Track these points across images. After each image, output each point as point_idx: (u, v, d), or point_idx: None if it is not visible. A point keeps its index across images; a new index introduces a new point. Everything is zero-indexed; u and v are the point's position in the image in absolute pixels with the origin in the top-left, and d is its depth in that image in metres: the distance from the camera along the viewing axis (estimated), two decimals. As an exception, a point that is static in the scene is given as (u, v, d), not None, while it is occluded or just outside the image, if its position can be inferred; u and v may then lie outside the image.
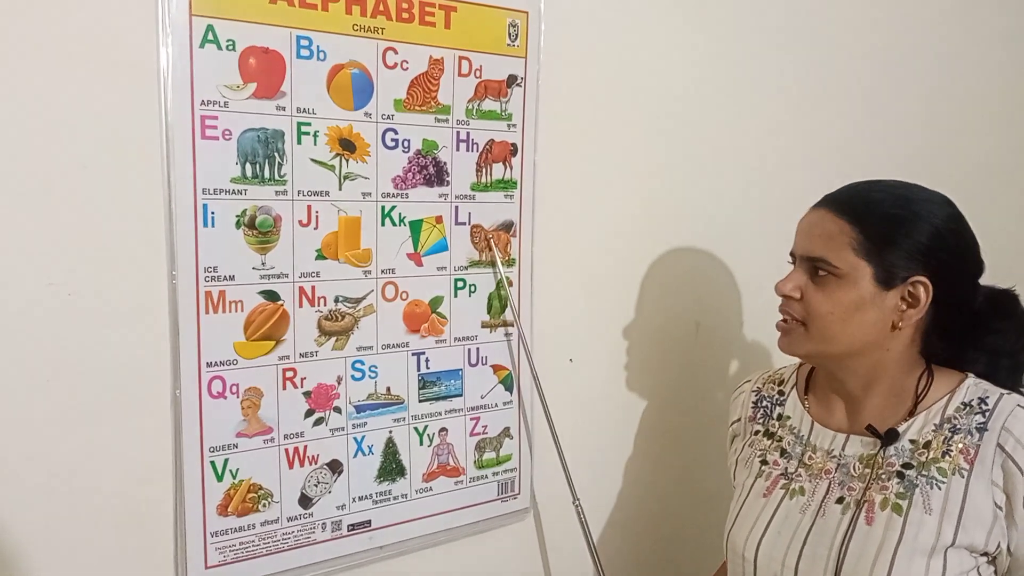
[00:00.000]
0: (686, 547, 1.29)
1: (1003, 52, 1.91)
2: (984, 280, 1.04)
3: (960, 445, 0.96)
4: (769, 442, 1.11)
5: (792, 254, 1.06)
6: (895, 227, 0.97)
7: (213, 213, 0.98)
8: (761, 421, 1.15)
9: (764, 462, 1.10)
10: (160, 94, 0.93)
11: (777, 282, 1.04)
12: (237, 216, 0.99)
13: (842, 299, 0.99)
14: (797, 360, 1.17)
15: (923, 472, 0.96)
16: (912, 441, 0.98)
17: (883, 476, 0.98)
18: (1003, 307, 1.04)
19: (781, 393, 1.15)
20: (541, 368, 1.24)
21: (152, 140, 0.93)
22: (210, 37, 0.95)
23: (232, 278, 1.00)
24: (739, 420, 1.19)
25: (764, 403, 1.16)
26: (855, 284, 0.98)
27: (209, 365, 1.00)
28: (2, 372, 0.89)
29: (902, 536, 0.93)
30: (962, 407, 0.98)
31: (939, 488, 0.94)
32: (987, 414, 0.96)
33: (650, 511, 1.47)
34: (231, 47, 0.97)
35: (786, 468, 1.07)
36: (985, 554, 0.94)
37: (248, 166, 0.99)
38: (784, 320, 1.05)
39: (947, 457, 0.96)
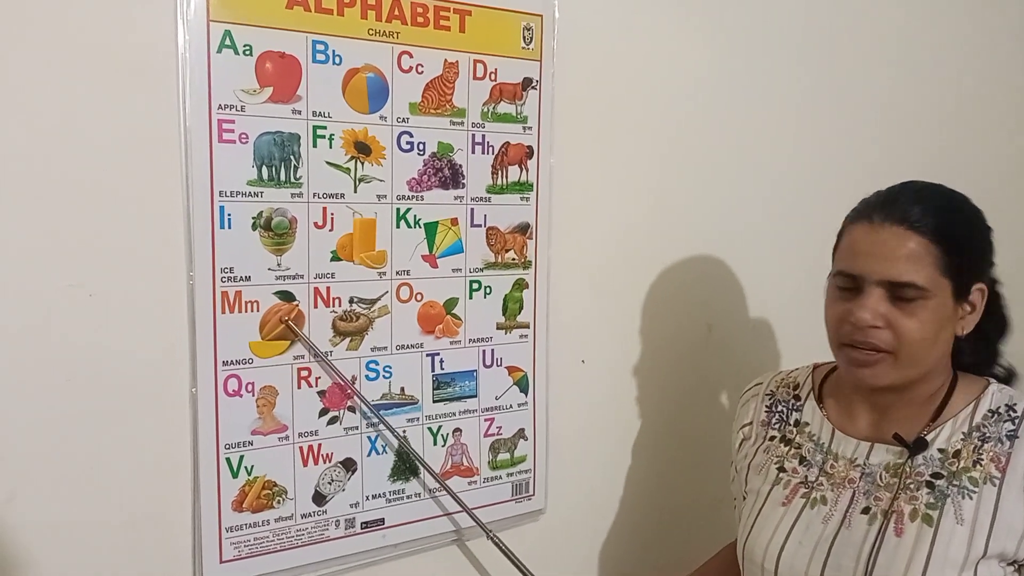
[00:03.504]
0: (697, 549, 1.28)
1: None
2: (1004, 284, 1.03)
3: (991, 453, 0.94)
4: (787, 449, 1.08)
5: (850, 275, 0.97)
6: (968, 240, 0.97)
7: (230, 215, 0.99)
8: (777, 427, 1.12)
9: (782, 469, 1.07)
10: (178, 98, 0.95)
11: (855, 312, 0.95)
12: (253, 218, 1.01)
13: (932, 322, 0.94)
14: (810, 363, 1.16)
15: (954, 482, 0.94)
16: (941, 450, 0.97)
17: (911, 486, 0.96)
18: None
19: (797, 398, 1.12)
20: (555, 369, 1.24)
21: (170, 143, 0.95)
22: (227, 42, 0.97)
23: (248, 279, 1.02)
24: (750, 424, 1.16)
25: (779, 408, 1.13)
26: (940, 303, 0.95)
27: (225, 364, 1.01)
28: (23, 372, 0.91)
29: (933, 548, 0.92)
30: (989, 414, 0.97)
31: (971, 498, 0.93)
32: (1017, 421, 0.95)
33: (661, 513, 1.46)
34: (248, 52, 0.98)
35: (806, 476, 1.04)
36: (1014, 562, 0.93)
37: (264, 169, 1.01)
38: (864, 351, 0.97)
39: (978, 466, 0.94)
